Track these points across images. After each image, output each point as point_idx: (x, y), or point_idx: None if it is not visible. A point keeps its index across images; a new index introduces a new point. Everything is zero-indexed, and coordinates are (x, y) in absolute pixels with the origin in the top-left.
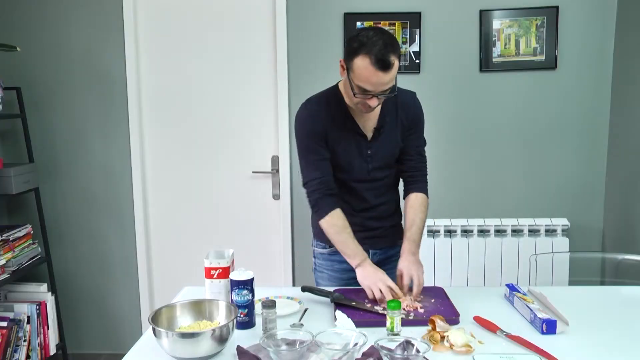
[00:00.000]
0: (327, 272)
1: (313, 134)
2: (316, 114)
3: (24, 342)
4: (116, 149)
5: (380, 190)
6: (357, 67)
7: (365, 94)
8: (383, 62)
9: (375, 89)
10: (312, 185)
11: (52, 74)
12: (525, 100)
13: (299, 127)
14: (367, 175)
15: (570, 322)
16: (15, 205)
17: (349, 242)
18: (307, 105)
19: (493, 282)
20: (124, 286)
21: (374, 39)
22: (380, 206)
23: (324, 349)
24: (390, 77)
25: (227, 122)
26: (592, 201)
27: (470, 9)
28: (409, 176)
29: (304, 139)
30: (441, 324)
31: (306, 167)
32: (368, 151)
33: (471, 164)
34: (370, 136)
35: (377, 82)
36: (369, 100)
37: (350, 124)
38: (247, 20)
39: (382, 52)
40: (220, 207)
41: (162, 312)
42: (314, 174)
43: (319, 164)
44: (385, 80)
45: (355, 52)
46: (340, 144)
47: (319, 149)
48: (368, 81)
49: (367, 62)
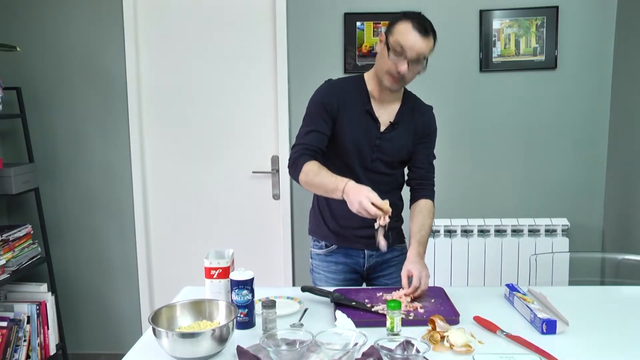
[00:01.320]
0: (324, 274)
1: (322, 105)
2: (336, 88)
3: (24, 342)
4: (116, 149)
5: (381, 186)
6: (397, 29)
7: (398, 57)
8: (424, 28)
9: (410, 50)
10: (296, 148)
11: (52, 74)
12: (525, 100)
13: (313, 97)
14: (370, 164)
15: (570, 322)
16: (15, 205)
17: (327, 177)
18: (329, 81)
19: (493, 282)
20: (124, 286)
21: (417, 14)
22: None
23: (324, 349)
24: (425, 44)
25: (227, 122)
26: (592, 201)
27: (470, 9)
28: (418, 184)
29: (313, 107)
30: (441, 324)
31: (301, 133)
32: (377, 141)
33: (471, 164)
34: (383, 128)
35: (414, 42)
36: (400, 65)
37: (368, 107)
38: (247, 20)
39: (422, 20)
40: (220, 207)
41: (162, 312)
42: (304, 140)
43: (315, 133)
44: (421, 45)
45: (399, 19)
46: (350, 124)
47: (321, 123)
48: (405, 40)
49: (409, 25)
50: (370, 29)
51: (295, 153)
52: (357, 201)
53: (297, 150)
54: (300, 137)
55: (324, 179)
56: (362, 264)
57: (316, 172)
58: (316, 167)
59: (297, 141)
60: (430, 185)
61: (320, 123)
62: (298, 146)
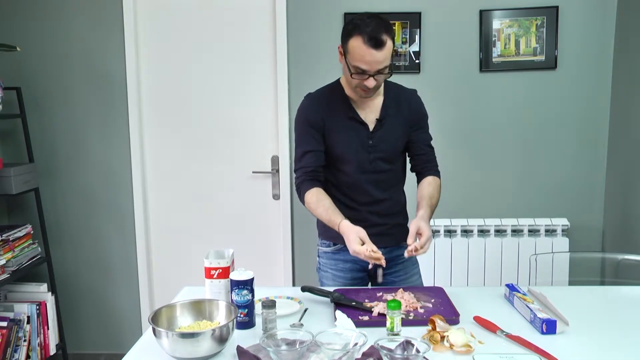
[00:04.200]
0: (331, 272)
1: (309, 124)
2: (315, 104)
3: (24, 342)
4: (116, 149)
5: (384, 185)
6: (351, 48)
7: (361, 75)
8: (376, 40)
9: (370, 68)
10: (297, 173)
11: (52, 74)
12: (525, 100)
13: (297, 117)
14: (369, 166)
15: (570, 322)
16: (15, 205)
17: (324, 212)
18: (308, 96)
19: (493, 282)
20: (124, 286)
21: (367, 20)
22: (384, 201)
23: (324, 349)
24: (383, 55)
25: (227, 122)
26: (592, 201)
27: (470, 9)
28: (423, 167)
29: (300, 127)
30: (441, 324)
31: (298, 156)
32: (370, 141)
33: (471, 164)
34: (372, 127)
35: (371, 60)
36: (366, 81)
37: (352, 114)
38: (247, 20)
39: (374, 31)
40: (220, 207)
41: (162, 312)
42: (300, 164)
43: (310, 154)
44: (379, 58)
45: (350, 33)
46: (339, 134)
47: (312, 140)
48: (362, 60)
49: (360, 41)
50: None
51: (298, 179)
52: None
53: (298, 175)
54: (298, 161)
55: (321, 214)
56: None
57: (315, 205)
58: (315, 198)
59: (296, 165)
60: (434, 166)
61: (311, 141)
62: (298, 171)
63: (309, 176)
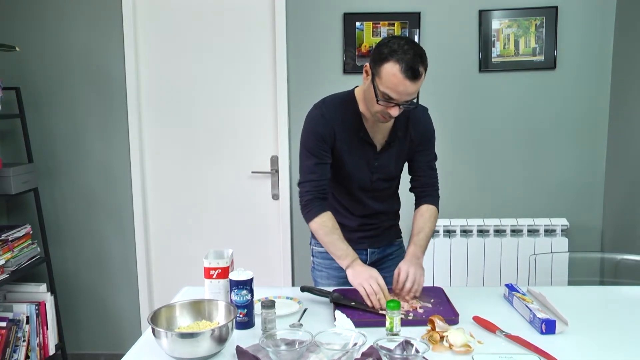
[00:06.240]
0: (326, 271)
1: (320, 136)
2: (328, 117)
3: (23, 342)
4: (116, 149)
5: (381, 198)
6: (385, 73)
7: (388, 102)
8: (413, 71)
9: (399, 98)
10: (306, 186)
11: (52, 74)
12: (525, 101)
13: (307, 126)
14: (370, 185)
15: (570, 322)
16: (15, 205)
17: (339, 243)
18: (322, 106)
19: (492, 282)
20: (123, 286)
21: (405, 47)
22: (380, 213)
23: (324, 349)
24: (416, 88)
25: (227, 122)
26: (592, 201)
27: (470, 9)
28: (421, 191)
29: (309, 138)
30: (440, 324)
31: (305, 168)
32: (375, 162)
33: (470, 164)
34: (379, 148)
35: (404, 90)
36: (391, 109)
37: (362, 133)
38: (247, 21)
39: (413, 60)
40: (220, 207)
41: (161, 312)
42: (311, 176)
43: (318, 166)
44: (412, 90)
45: (386, 58)
46: (348, 152)
47: (321, 152)
48: (395, 89)
49: (397, 69)
50: (369, 29)
51: (306, 195)
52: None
53: (307, 190)
54: (307, 173)
55: (334, 244)
56: (365, 261)
57: (327, 232)
58: (330, 223)
59: (305, 177)
60: (433, 190)
61: (321, 154)
62: (307, 184)
63: (320, 193)
